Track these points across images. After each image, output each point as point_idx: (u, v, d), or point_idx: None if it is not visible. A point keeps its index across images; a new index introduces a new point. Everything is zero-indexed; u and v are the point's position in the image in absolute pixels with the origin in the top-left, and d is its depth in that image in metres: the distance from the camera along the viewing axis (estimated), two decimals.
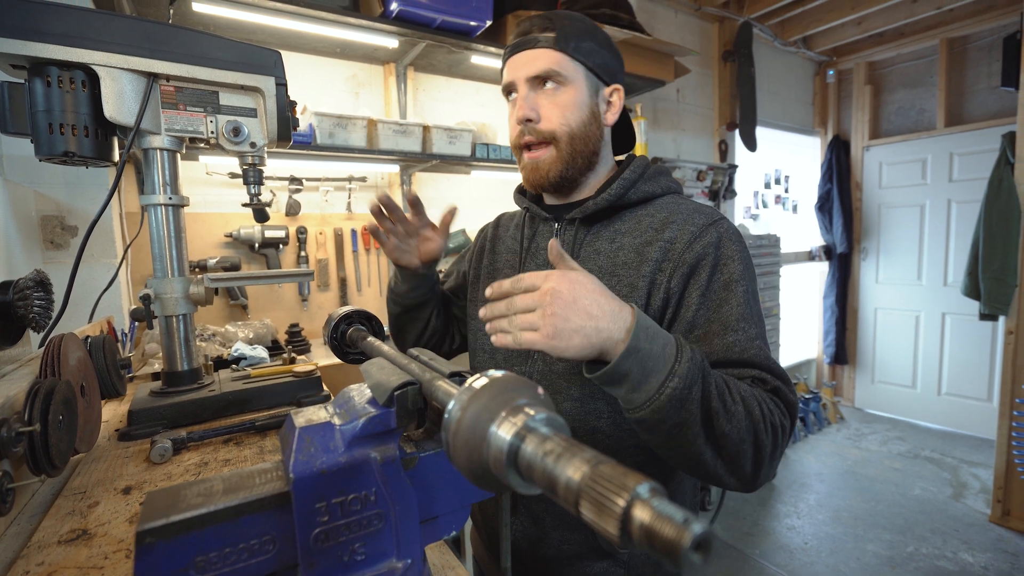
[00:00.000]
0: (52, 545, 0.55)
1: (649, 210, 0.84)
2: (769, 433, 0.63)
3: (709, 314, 0.72)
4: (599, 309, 0.57)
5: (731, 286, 0.73)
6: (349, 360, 0.80)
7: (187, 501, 0.37)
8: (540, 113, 0.82)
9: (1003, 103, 3.59)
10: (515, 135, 0.86)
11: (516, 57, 0.84)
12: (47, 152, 0.82)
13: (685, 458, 0.64)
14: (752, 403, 0.63)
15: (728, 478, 0.65)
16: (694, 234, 0.76)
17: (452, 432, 0.32)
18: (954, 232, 3.93)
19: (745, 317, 0.71)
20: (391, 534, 0.43)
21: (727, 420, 0.61)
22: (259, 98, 0.98)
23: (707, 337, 0.71)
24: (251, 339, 1.74)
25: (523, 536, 0.86)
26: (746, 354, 0.69)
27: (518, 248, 0.96)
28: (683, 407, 0.59)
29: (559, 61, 0.81)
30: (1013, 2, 3.34)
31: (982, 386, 3.83)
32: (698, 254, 0.74)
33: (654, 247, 0.77)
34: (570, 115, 0.82)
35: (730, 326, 0.70)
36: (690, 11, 3.50)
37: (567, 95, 0.82)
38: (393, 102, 2.35)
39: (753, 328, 0.71)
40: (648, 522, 0.22)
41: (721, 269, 0.74)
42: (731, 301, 0.72)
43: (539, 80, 0.82)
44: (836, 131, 4.53)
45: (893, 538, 2.65)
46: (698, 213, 0.80)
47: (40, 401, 0.58)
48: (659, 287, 0.75)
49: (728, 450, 0.62)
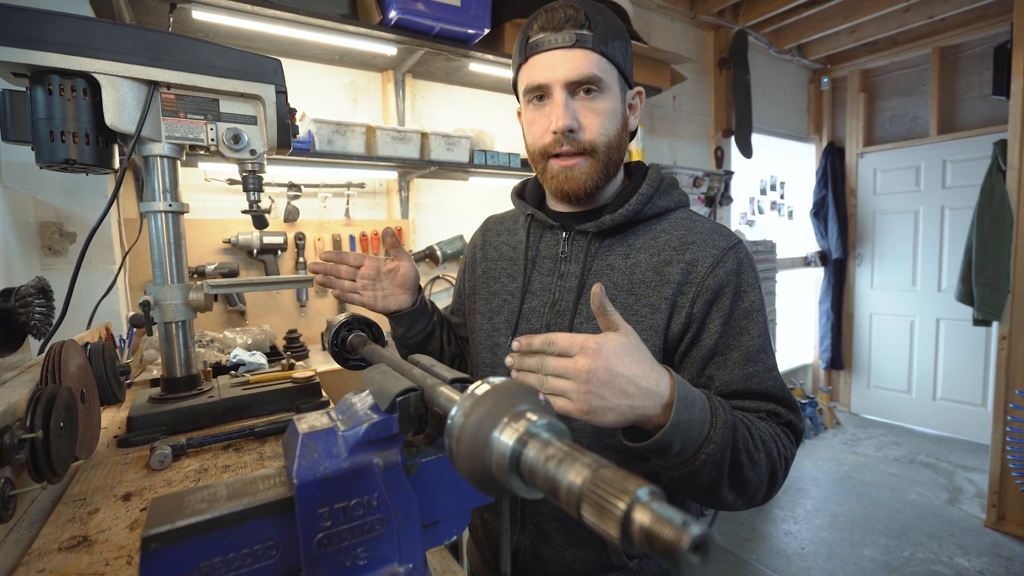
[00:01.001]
0: (53, 552, 0.55)
1: (663, 226, 0.81)
2: (782, 468, 0.68)
3: (729, 341, 0.74)
4: (635, 388, 0.55)
5: (751, 315, 0.75)
6: (350, 366, 0.80)
7: (192, 507, 0.38)
8: (580, 122, 0.76)
9: (994, 111, 3.64)
10: (547, 143, 0.79)
11: (550, 55, 0.75)
12: (48, 160, 0.82)
13: (705, 499, 0.67)
14: (772, 446, 0.67)
15: (739, 505, 0.69)
16: (716, 258, 0.76)
17: (455, 438, 0.33)
18: (948, 238, 3.97)
19: (763, 348, 0.74)
20: (393, 539, 0.43)
21: (752, 469, 0.64)
22: (259, 106, 0.99)
23: (726, 365, 0.73)
24: (249, 345, 1.74)
25: (532, 556, 0.83)
26: (763, 385, 0.72)
27: (520, 257, 0.90)
28: (716, 468, 0.61)
29: (600, 65, 0.75)
30: (1003, 12, 3.39)
31: (976, 391, 3.86)
32: (721, 281, 0.75)
33: (675, 268, 0.76)
34: (608, 124, 0.78)
35: (750, 357, 0.73)
36: (686, 19, 3.53)
37: (606, 103, 0.77)
38: (391, 109, 2.37)
39: (771, 359, 0.74)
40: (648, 524, 0.23)
41: (742, 297, 0.75)
42: (751, 331, 0.74)
43: (579, 85, 0.75)
44: (831, 138, 4.58)
45: (889, 543, 2.65)
46: (716, 235, 0.79)
47: (42, 408, 0.58)
48: (681, 310, 0.75)
49: (748, 492, 0.66)
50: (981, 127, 3.72)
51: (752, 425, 0.67)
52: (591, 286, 0.80)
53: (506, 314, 0.89)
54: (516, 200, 0.95)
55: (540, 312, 0.84)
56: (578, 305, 0.80)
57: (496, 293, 0.92)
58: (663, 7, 3.35)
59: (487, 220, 1.06)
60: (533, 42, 0.77)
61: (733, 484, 0.64)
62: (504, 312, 0.90)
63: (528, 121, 0.82)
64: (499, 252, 0.96)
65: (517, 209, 0.96)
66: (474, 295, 0.98)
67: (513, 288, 0.90)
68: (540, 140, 0.80)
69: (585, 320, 0.80)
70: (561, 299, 0.83)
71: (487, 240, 1.00)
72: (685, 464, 0.60)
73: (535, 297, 0.86)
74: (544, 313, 0.84)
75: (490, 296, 0.93)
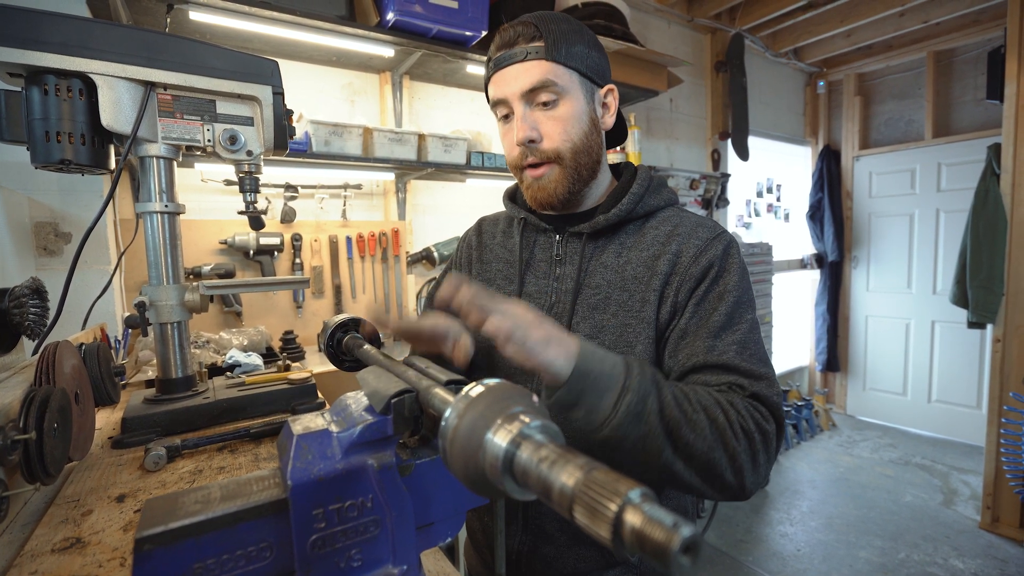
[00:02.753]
0: (45, 554, 0.55)
1: (653, 223, 0.83)
2: (743, 439, 0.63)
3: (699, 321, 0.74)
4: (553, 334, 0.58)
5: (724, 296, 0.74)
6: (345, 368, 0.80)
7: (185, 508, 0.38)
8: (540, 131, 0.78)
9: (988, 115, 3.66)
10: (515, 156, 0.82)
11: (504, 72, 0.79)
12: (43, 160, 0.82)
13: (657, 473, 0.63)
14: (715, 410, 0.63)
15: (708, 489, 0.64)
16: (699, 248, 0.77)
17: (449, 439, 0.33)
18: (943, 241, 3.99)
19: (729, 325, 0.72)
20: (387, 540, 0.43)
21: (690, 429, 0.61)
22: (256, 107, 0.99)
23: (692, 342, 0.73)
24: (245, 346, 1.73)
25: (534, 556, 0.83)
26: (723, 357, 0.70)
27: (515, 259, 0.91)
28: (641, 421, 0.59)
29: (553, 71, 0.77)
30: (997, 17, 3.42)
31: (971, 393, 3.87)
32: (703, 268, 0.76)
33: (663, 260, 0.78)
34: (571, 129, 0.79)
35: (714, 333, 0.72)
36: (683, 22, 3.55)
37: (566, 108, 0.78)
38: (389, 110, 2.37)
39: (737, 334, 0.72)
40: (639, 526, 0.23)
41: (718, 281, 0.76)
42: (720, 310, 0.73)
43: (533, 93, 0.78)
44: (827, 141, 4.60)
45: (885, 545, 2.66)
46: (701, 227, 0.81)
47: (36, 409, 0.58)
48: (667, 300, 0.77)
49: (697, 460, 0.62)
50: (975, 131, 3.75)
51: (689, 390, 0.64)
52: (586, 285, 0.82)
53: None
54: (508, 203, 0.96)
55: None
56: (575, 306, 0.81)
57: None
58: (660, 10, 3.36)
59: (481, 220, 1.05)
60: (493, 60, 0.81)
61: (676, 449, 0.61)
62: None
63: (501, 136, 0.86)
64: (494, 254, 0.96)
65: (509, 212, 0.97)
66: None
67: (510, 291, 0.90)
68: (510, 154, 0.83)
69: (582, 320, 0.80)
70: (558, 301, 0.84)
71: (482, 242, 1.00)
72: (608, 420, 0.58)
73: (532, 300, 0.86)
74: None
75: None
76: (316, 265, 2.23)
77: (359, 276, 2.35)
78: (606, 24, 2.39)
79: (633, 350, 0.77)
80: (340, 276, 2.29)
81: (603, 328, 0.79)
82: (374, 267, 2.39)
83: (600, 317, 0.79)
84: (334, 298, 2.28)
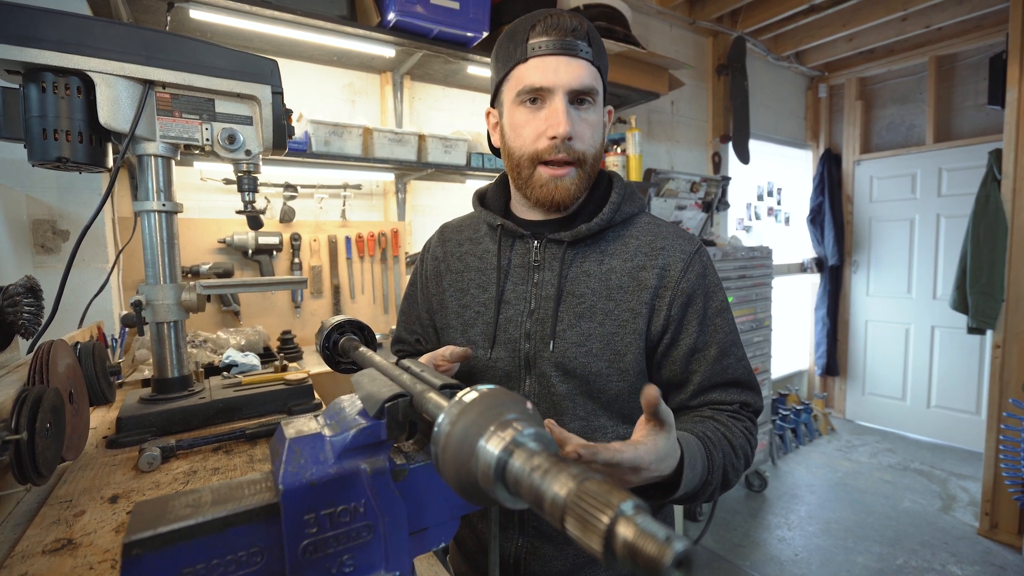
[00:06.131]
0: (36, 555, 0.54)
1: (632, 231, 0.85)
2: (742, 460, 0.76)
3: (707, 338, 0.81)
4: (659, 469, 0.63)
5: (722, 312, 0.82)
6: (340, 370, 0.80)
7: (175, 512, 0.37)
8: (575, 130, 0.77)
9: (990, 120, 3.66)
10: (542, 148, 0.77)
11: (554, 60, 0.75)
12: (41, 158, 0.81)
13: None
14: (748, 448, 0.77)
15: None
16: (686, 262, 0.82)
17: (441, 446, 0.32)
18: (943, 246, 3.98)
19: (735, 341, 0.82)
20: (380, 546, 0.43)
21: (734, 475, 0.74)
22: (255, 106, 0.98)
23: (706, 360, 0.81)
24: (243, 346, 1.73)
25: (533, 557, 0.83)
26: (736, 374, 0.81)
27: (489, 267, 0.89)
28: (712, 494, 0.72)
29: (597, 78, 0.78)
30: (999, 22, 3.42)
31: (971, 399, 3.87)
32: (693, 284, 0.81)
33: (650, 273, 0.81)
34: (596, 136, 0.81)
35: (725, 351, 0.81)
36: (684, 25, 3.54)
37: (596, 115, 0.80)
38: (389, 111, 2.36)
39: (740, 349, 0.83)
40: (631, 539, 0.22)
41: (711, 297, 0.83)
42: (723, 327, 0.82)
43: (578, 95, 0.77)
44: (828, 145, 4.60)
45: (883, 550, 2.66)
46: (681, 239, 0.85)
47: (28, 409, 0.58)
48: (659, 313, 0.81)
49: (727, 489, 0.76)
50: (976, 136, 3.75)
51: (732, 437, 0.75)
52: (569, 293, 0.82)
53: (482, 325, 0.87)
54: (478, 208, 0.92)
55: (518, 321, 0.84)
56: (559, 312, 0.81)
57: (467, 305, 0.89)
58: (662, 12, 3.36)
59: (443, 228, 1.01)
60: (535, 44, 0.75)
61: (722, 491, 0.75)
62: (479, 323, 0.87)
63: (518, 123, 0.79)
64: (464, 263, 0.92)
65: (479, 217, 0.93)
66: (444, 309, 0.93)
67: (486, 299, 0.88)
68: (532, 144, 0.78)
69: (568, 328, 0.80)
70: (539, 307, 0.83)
71: (448, 251, 0.96)
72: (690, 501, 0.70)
73: (510, 306, 0.85)
74: (522, 322, 0.83)
75: (461, 309, 0.90)
76: (315, 265, 2.23)
77: (358, 276, 2.34)
78: (608, 26, 2.39)
79: (623, 359, 0.80)
80: (339, 276, 2.29)
81: (590, 336, 0.80)
82: (373, 267, 2.38)
83: (587, 325, 0.80)
84: (333, 298, 2.28)
